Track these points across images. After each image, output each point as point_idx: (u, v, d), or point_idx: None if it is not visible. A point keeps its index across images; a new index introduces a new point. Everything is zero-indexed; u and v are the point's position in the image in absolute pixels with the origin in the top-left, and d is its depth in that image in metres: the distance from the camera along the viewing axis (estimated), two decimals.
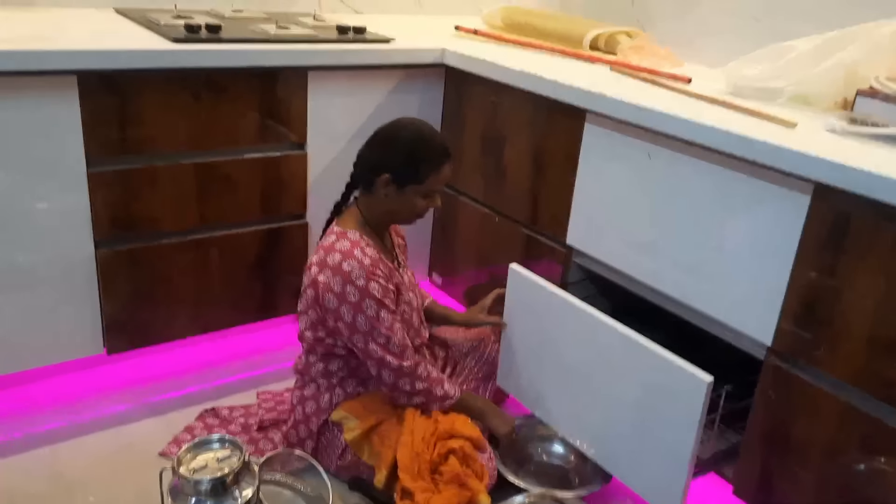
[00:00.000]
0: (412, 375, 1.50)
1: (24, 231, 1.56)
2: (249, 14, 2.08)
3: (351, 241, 1.49)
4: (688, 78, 1.71)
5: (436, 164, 1.51)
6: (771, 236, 1.34)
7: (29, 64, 1.44)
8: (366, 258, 1.47)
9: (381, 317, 1.46)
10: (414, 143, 1.50)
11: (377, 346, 1.47)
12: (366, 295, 1.44)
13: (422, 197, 1.53)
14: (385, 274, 1.49)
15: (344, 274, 1.45)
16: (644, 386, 1.42)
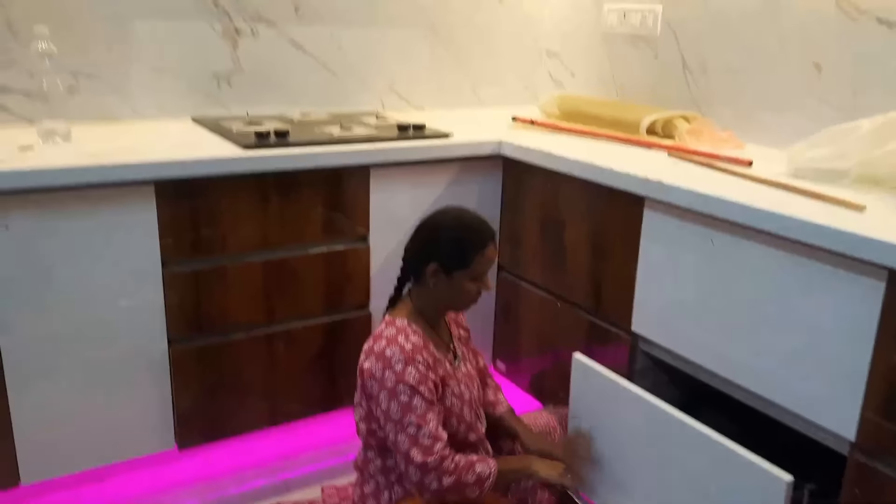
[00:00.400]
0: (438, 470, 1.44)
1: (102, 329, 1.64)
2: (316, 117, 2.19)
3: (397, 328, 1.51)
4: (748, 161, 1.68)
5: (480, 246, 1.52)
6: (846, 324, 1.28)
7: (112, 176, 1.54)
8: (408, 344, 1.48)
9: (414, 404, 1.45)
10: (456, 229, 1.53)
11: (406, 436, 1.44)
12: (401, 380, 1.44)
13: (471, 280, 1.54)
14: (427, 362, 1.49)
15: (385, 360, 1.46)
16: (718, 485, 1.35)
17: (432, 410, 1.46)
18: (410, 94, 2.52)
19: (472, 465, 1.48)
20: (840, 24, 1.80)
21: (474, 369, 1.72)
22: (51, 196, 1.52)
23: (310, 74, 2.31)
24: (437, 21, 2.49)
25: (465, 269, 1.52)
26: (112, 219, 1.59)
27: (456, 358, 1.64)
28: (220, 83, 2.18)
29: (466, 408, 1.58)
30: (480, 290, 1.57)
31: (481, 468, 1.48)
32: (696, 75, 2.18)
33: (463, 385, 1.60)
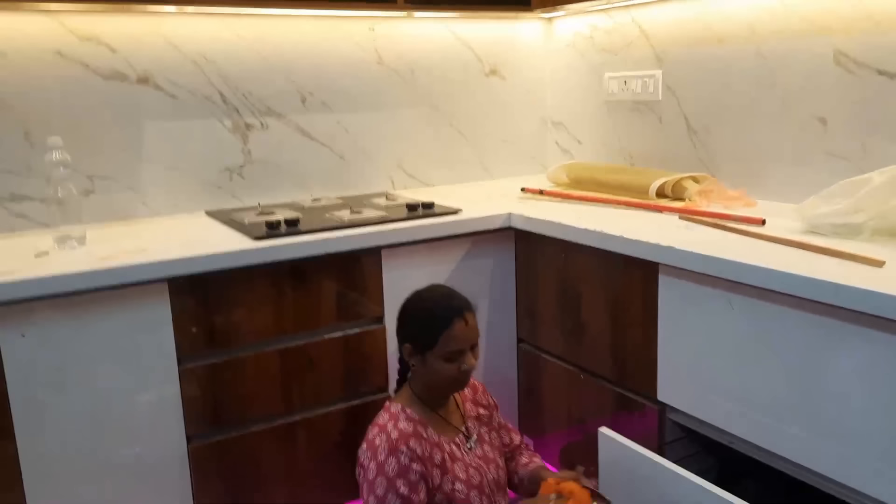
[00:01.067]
0: None
1: (120, 429, 1.63)
2: (327, 202, 2.22)
3: (390, 415, 1.49)
4: (761, 220, 1.66)
5: (444, 324, 1.48)
6: (874, 384, 1.23)
7: (125, 278, 1.56)
8: (395, 432, 1.45)
9: (388, 499, 1.41)
10: (420, 310, 1.53)
11: None
12: (380, 472, 1.42)
13: (444, 360, 1.49)
14: (412, 452, 1.44)
15: (373, 448, 1.44)
16: None
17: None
18: (419, 172, 2.55)
19: None
20: (840, 79, 1.80)
21: (496, 449, 1.67)
22: (66, 301, 1.53)
23: (319, 160, 2.35)
24: (440, 100, 2.54)
25: (433, 349, 1.49)
26: (127, 319, 1.60)
27: (468, 440, 1.60)
28: (232, 176, 2.22)
29: (475, 492, 1.53)
30: (462, 369, 1.51)
31: None
32: (702, 136, 2.18)
33: (472, 468, 1.55)
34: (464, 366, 1.51)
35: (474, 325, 1.54)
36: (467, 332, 1.51)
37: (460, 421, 1.62)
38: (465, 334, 1.50)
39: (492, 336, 2.12)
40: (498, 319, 2.12)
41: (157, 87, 2.08)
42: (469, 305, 1.54)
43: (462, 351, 1.51)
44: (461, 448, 1.57)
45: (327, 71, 2.32)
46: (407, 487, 1.42)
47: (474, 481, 1.54)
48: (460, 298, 1.54)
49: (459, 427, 1.61)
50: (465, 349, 1.51)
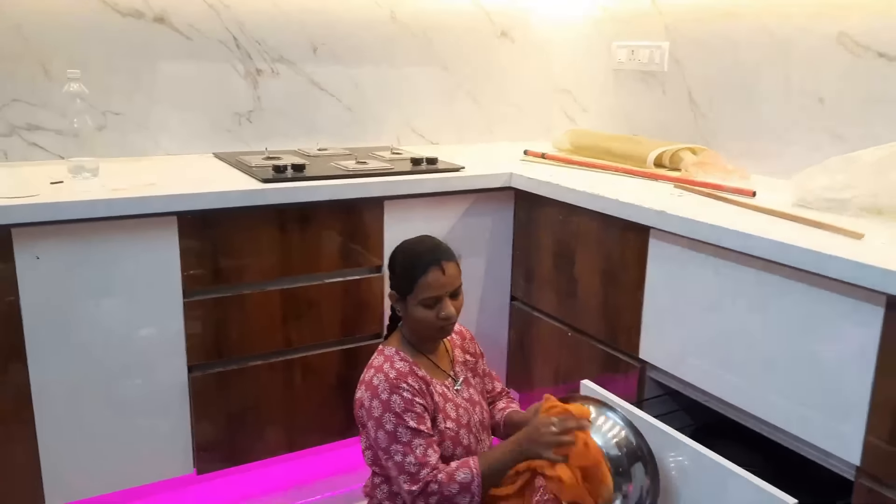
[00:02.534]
0: (424, 494, 1.46)
1: (125, 357, 1.70)
2: (333, 151, 2.27)
3: (385, 357, 1.56)
4: (752, 191, 1.72)
5: (420, 272, 1.53)
6: (847, 350, 1.30)
7: (137, 209, 1.62)
8: (392, 371, 1.52)
9: (399, 433, 1.48)
10: (401, 256, 1.59)
11: (393, 464, 1.48)
12: (386, 409, 1.49)
13: (422, 307, 1.55)
14: (413, 388, 1.52)
15: (372, 389, 1.51)
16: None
17: (418, 437, 1.49)
18: (425, 130, 2.59)
19: (453, 477, 1.46)
20: (842, 59, 1.84)
21: (480, 394, 1.75)
22: (80, 227, 1.59)
23: (327, 111, 2.39)
24: (451, 60, 2.58)
25: (411, 295, 1.56)
26: (137, 250, 1.66)
27: (456, 383, 1.68)
28: (241, 120, 2.27)
29: (464, 431, 1.61)
30: (440, 316, 1.56)
31: (462, 476, 1.46)
32: (703, 109, 2.23)
33: (462, 409, 1.63)
34: (441, 313, 1.56)
35: (453, 275, 1.58)
36: (443, 281, 1.55)
37: (449, 365, 1.70)
38: (440, 282, 1.55)
39: (486, 293, 2.18)
40: (493, 277, 2.19)
41: (172, 27, 2.12)
42: (449, 255, 1.59)
43: (439, 298, 1.56)
44: (450, 390, 1.64)
45: (340, 23, 2.35)
46: (415, 420, 1.50)
47: (463, 420, 1.62)
48: (441, 248, 1.59)
49: (448, 371, 1.68)
50: (442, 296, 1.56)
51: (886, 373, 1.24)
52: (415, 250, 1.59)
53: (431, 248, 1.58)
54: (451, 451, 1.58)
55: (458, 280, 1.59)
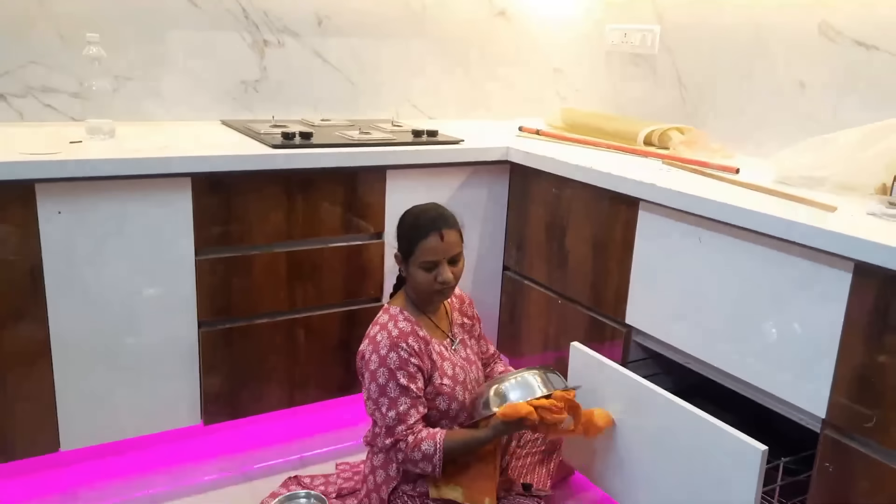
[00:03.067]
0: (394, 450, 1.60)
1: (137, 311, 1.79)
2: (336, 122, 2.35)
3: (390, 315, 1.67)
4: (735, 168, 1.83)
5: (422, 235, 1.64)
6: (818, 313, 1.42)
7: (154, 169, 1.70)
8: (395, 329, 1.63)
9: (389, 388, 1.60)
10: (406, 220, 1.70)
11: (379, 415, 1.61)
12: (382, 364, 1.60)
13: (422, 269, 1.66)
14: (411, 348, 1.63)
15: (374, 343, 1.63)
16: (702, 457, 1.48)
17: (405, 395, 1.61)
18: (424, 106, 2.68)
19: (419, 444, 1.58)
20: (821, 46, 1.95)
21: (476, 355, 1.86)
22: (100, 185, 1.67)
23: (331, 83, 2.47)
24: (450, 38, 2.66)
25: (412, 257, 1.67)
26: (152, 208, 1.74)
27: (453, 342, 1.78)
28: (248, 89, 2.34)
29: (459, 388, 1.72)
30: (438, 280, 1.66)
31: (426, 446, 1.58)
32: (691, 92, 2.33)
33: (458, 367, 1.74)
34: (439, 277, 1.66)
35: (452, 241, 1.67)
36: (442, 246, 1.65)
37: (448, 326, 1.80)
38: (439, 247, 1.65)
39: (479, 263, 2.29)
40: (487, 248, 2.29)
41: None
42: (450, 223, 1.68)
43: (437, 262, 1.66)
44: (447, 349, 1.75)
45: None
46: (406, 378, 1.61)
47: (459, 378, 1.73)
48: (445, 216, 1.68)
49: (447, 331, 1.79)
50: (440, 261, 1.66)
51: (851, 333, 1.36)
52: (419, 216, 1.69)
53: (435, 215, 1.68)
54: (446, 406, 1.69)
55: (457, 248, 1.69)
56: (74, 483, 1.86)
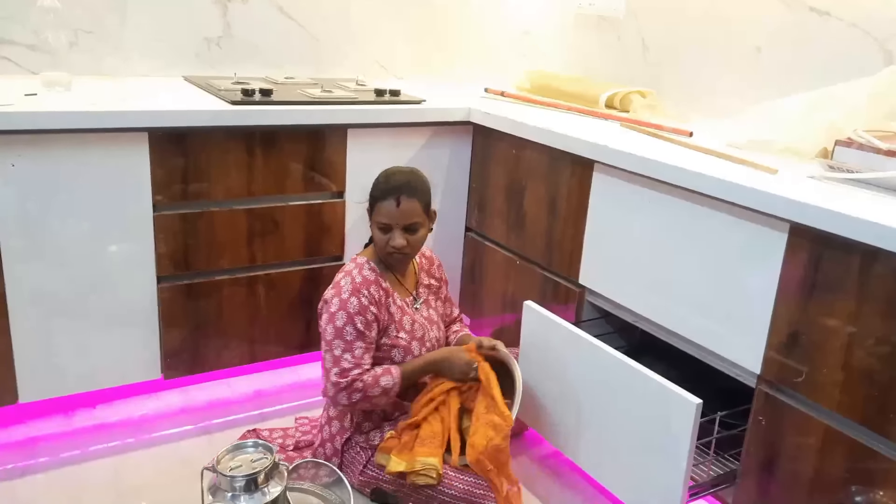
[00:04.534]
0: (348, 389, 1.63)
1: (95, 266, 1.80)
2: (299, 80, 2.34)
3: (356, 264, 1.71)
4: (689, 132, 1.86)
5: (380, 197, 1.69)
6: (755, 272, 1.46)
7: (109, 122, 1.70)
8: (359, 277, 1.68)
9: (346, 330, 1.64)
10: (376, 179, 1.73)
11: (331, 356, 1.65)
12: (342, 307, 1.64)
13: (378, 230, 1.71)
14: (372, 297, 1.67)
15: (337, 287, 1.68)
16: (641, 410, 1.54)
17: (362, 339, 1.65)
18: (390, 65, 2.67)
19: (378, 381, 1.65)
20: (777, 12, 1.97)
21: (440, 316, 1.90)
22: (54, 138, 1.67)
23: (295, 41, 2.45)
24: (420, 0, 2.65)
25: (372, 215, 1.72)
26: (109, 163, 1.75)
27: (417, 300, 1.82)
28: (211, 46, 2.33)
29: (416, 343, 1.76)
30: (390, 244, 1.69)
31: (385, 381, 1.66)
32: (654, 55, 2.35)
33: (417, 324, 1.78)
34: (391, 241, 1.70)
35: (408, 210, 1.69)
36: (396, 213, 1.68)
37: (413, 285, 1.84)
38: (392, 213, 1.68)
39: (442, 223, 2.31)
40: (449, 209, 2.31)
41: None
42: (413, 191, 1.70)
43: (390, 226, 1.69)
44: (409, 306, 1.79)
45: None
46: (363, 325, 1.65)
47: (417, 334, 1.77)
48: (410, 184, 1.70)
49: (411, 290, 1.82)
50: (393, 227, 1.69)
51: (786, 292, 1.41)
52: (387, 177, 1.72)
53: (401, 181, 1.70)
54: (400, 358, 1.74)
55: (414, 217, 1.70)
56: (34, 435, 1.88)
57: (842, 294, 1.32)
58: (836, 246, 1.31)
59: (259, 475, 1.35)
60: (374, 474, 1.68)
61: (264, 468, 1.36)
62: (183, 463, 1.81)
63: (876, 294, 1.27)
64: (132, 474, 1.76)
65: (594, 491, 1.82)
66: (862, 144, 1.47)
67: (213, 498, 1.36)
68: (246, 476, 1.34)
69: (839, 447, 1.35)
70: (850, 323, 1.31)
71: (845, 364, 1.33)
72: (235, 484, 1.34)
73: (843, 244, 1.30)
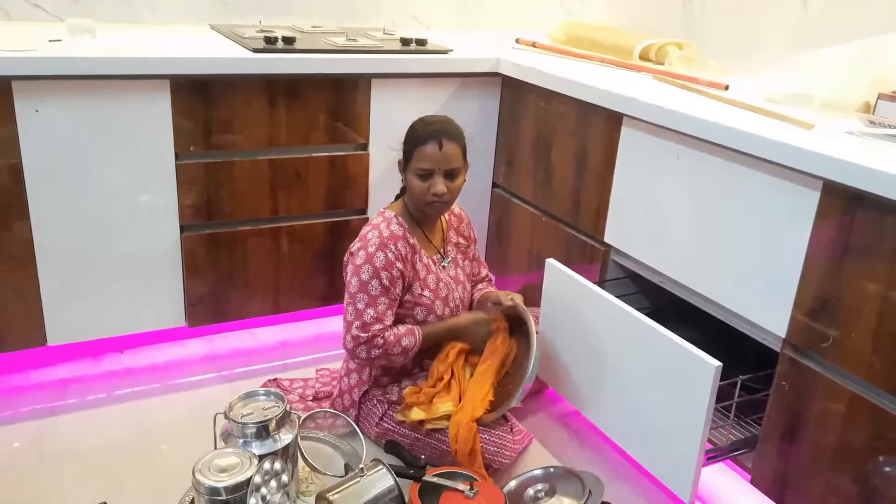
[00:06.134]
0: (368, 344, 1.61)
1: (119, 213, 1.82)
2: (326, 29, 2.30)
3: (384, 218, 1.67)
4: (725, 85, 1.77)
5: (420, 141, 1.64)
6: (785, 232, 1.40)
7: (130, 69, 1.69)
8: (386, 231, 1.64)
9: (371, 285, 1.61)
10: (412, 126, 1.68)
11: (354, 309, 1.62)
12: (368, 261, 1.62)
13: (416, 177, 1.65)
14: (399, 252, 1.64)
15: (364, 240, 1.64)
16: (660, 372, 1.50)
17: (386, 295, 1.63)
18: (422, 15, 2.61)
19: (399, 340, 1.64)
20: None
21: (467, 276, 1.87)
22: (76, 84, 1.67)
23: None
24: None
25: (410, 163, 1.66)
26: (131, 109, 1.74)
27: (444, 259, 1.79)
28: None
29: (440, 302, 1.74)
30: (431, 191, 1.65)
31: (406, 341, 1.65)
32: (695, 6, 2.24)
33: (442, 283, 1.75)
34: (433, 188, 1.65)
35: (451, 153, 1.65)
36: (439, 156, 1.63)
37: (441, 242, 1.81)
38: (435, 156, 1.63)
39: (469, 179, 2.24)
40: (476, 164, 2.25)
41: None
42: (453, 136, 1.66)
43: (431, 172, 1.65)
44: (437, 265, 1.76)
45: None
46: (388, 280, 1.63)
47: (441, 293, 1.75)
48: (449, 128, 1.66)
49: (438, 247, 1.80)
50: (435, 171, 1.65)
51: (816, 253, 1.34)
52: (424, 123, 1.68)
53: (439, 125, 1.66)
54: (424, 317, 1.72)
55: (455, 161, 1.67)
56: (62, 376, 1.94)
57: (875, 256, 1.25)
58: (871, 205, 1.24)
59: (270, 422, 1.36)
60: (389, 427, 1.68)
61: (275, 416, 1.37)
62: (203, 410, 1.82)
63: None
64: (154, 419, 1.80)
65: (611, 450, 1.80)
66: None
67: (226, 443, 1.38)
68: (257, 423, 1.35)
69: (865, 415, 1.30)
70: (882, 287, 1.25)
71: (876, 330, 1.27)
72: (247, 430, 1.36)
73: (878, 203, 1.22)
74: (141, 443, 1.72)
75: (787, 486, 1.46)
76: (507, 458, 1.63)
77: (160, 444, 1.71)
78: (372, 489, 1.38)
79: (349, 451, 1.60)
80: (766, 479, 1.51)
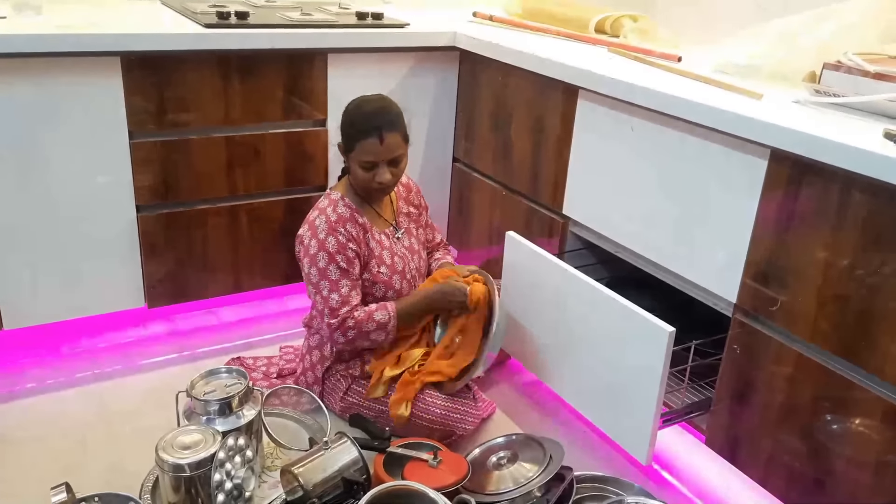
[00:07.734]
0: (341, 328, 1.62)
1: (74, 195, 1.78)
2: (281, 3, 2.27)
3: (330, 200, 1.67)
4: (678, 57, 1.80)
5: (362, 135, 1.61)
6: (735, 200, 1.44)
7: (79, 45, 1.65)
8: (334, 215, 1.64)
9: (330, 270, 1.62)
10: (349, 114, 1.66)
11: (320, 297, 1.63)
12: (321, 248, 1.62)
13: (360, 168, 1.64)
14: (349, 234, 1.64)
15: (313, 228, 1.64)
16: (617, 338, 1.54)
17: (346, 277, 1.63)
18: None
19: (372, 316, 1.64)
20: None
21: (421, 244, 1.88)
22: (24, 63, 1.63)
23: None
24: None
25: (352, 153, 1.65)
26: (81, 88, 1.71)
27: (397, 231, 1.80)
28: None
29: (397, 277, 1.75)
30: (376, 181, 1.64)
31: (380, 315, 1.65)
32: None
33: (397, 257, 1.76)
34: (378, 177, 1.65)
35: (392, 145, 1.63)
36: (380, 150, 1.62)
37: (392, 215, 1.81)
38: (377, 150, 1.62)
39: (429, 153, 2.27)
40: (436, 138, 2.27)
41: None
42: (392, 125, 1.63)
43: (375, 164, 1.64)
44: (390, 238, 1.77)
45: None
46: (345, 261, 1.63)
47: (398, 267, 1.75)
48: (388, 116, 1.63)
49: (390, 220, 1.80)
50: (379, 163, 1.64)
51: (764, 220, 1.38)
52: (361, 112, 1.65)
53: (377, 113, 1.63)
54: (382, 293, 1.73)
55: (397, 150, 1.65)
56: (20, 361, 1.91)
57: (821, 223, 1.30)
58: (816, 172, 1.28)
59: (233, 399, 1.37)
60: (353, 401, 1.70)
61: (238, 392, 1.38)
62: (166, 390, 1.81)
63: (854, 223, 1.25)
64: (118, 400, 1.79)
65: (571, 417, 1.84)
66: (850, 68, 1.42)
67: (189, 421, 1.38)
68: (219, 400, 1.36)
69: (812, 376, 1.35)
70: (826, 252, 1.29)
71: (820, 293, 1.31)
72: (209, 408, 1.36)
73: (823, 170, 1.27)
74: (103, 424, 1.71)
75: (740, 445, 1.52)
76: (471, 424, 1.66)
77: (123, 425, 1.70)
78: (336, 462, 1.40)
79: (314, 426, 1.61)
80: (720, 439, 1.56)
